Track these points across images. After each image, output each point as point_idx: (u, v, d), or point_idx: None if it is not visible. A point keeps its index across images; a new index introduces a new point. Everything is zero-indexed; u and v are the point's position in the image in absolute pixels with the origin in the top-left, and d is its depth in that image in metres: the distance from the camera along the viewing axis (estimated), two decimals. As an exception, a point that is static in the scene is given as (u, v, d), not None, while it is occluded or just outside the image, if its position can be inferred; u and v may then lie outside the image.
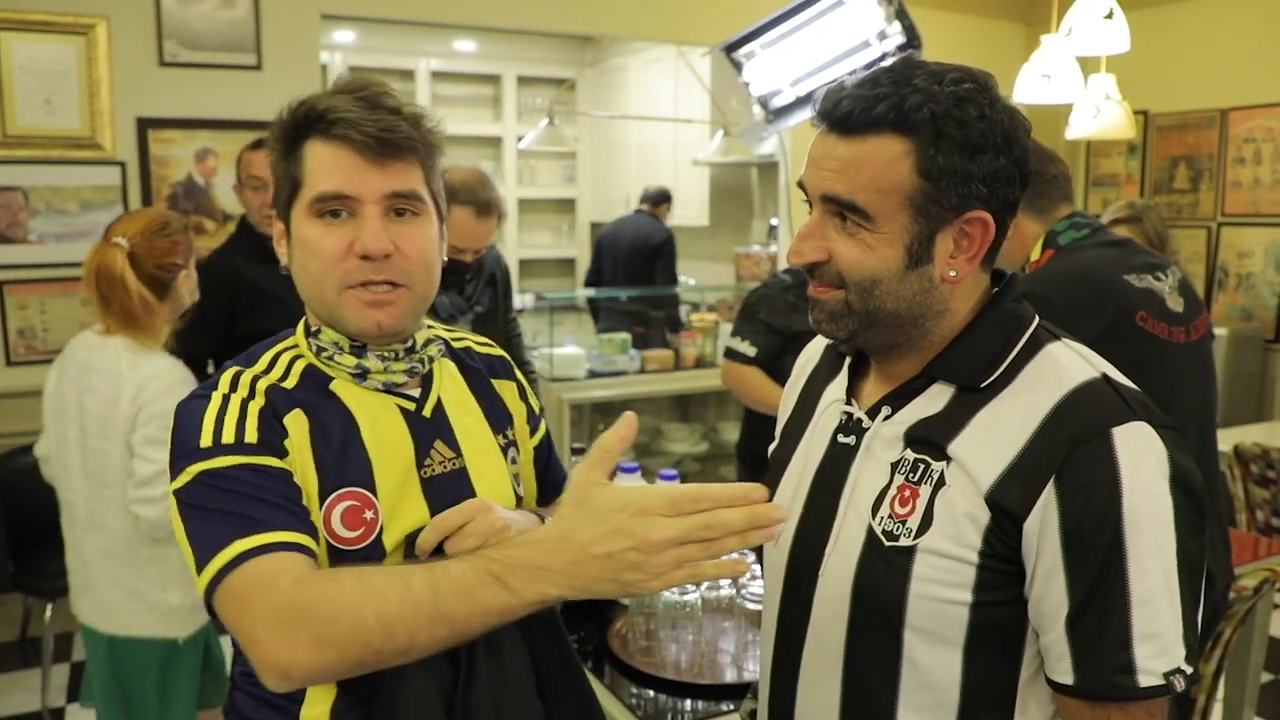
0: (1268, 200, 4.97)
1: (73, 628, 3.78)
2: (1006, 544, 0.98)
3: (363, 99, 1.11)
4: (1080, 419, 0.97)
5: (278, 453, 1.07)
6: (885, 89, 0.98)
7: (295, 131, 1.12)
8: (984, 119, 0.98)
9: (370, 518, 1.10)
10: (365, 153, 1.09)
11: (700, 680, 1.71)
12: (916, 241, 1.00)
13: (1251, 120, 4.99)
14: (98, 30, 3.60)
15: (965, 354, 1.05)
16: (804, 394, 1.27)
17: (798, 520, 1.14)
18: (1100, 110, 3.92)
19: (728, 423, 5.25)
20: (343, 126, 1.08)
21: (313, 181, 1.11)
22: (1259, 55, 4.91)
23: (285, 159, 1.13)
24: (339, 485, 1.10)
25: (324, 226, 1.10)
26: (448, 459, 1.17)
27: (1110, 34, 3.39)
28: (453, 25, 6.54)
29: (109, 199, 3.69)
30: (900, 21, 3.04)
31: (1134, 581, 0.93)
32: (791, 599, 1.14)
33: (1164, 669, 0.94)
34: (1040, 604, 0.98)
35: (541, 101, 7.09)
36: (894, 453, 1.06)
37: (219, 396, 1.09)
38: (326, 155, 1.10)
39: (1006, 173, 1.00)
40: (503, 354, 1.38)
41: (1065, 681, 0.97)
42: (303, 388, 1.13)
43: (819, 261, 1.04)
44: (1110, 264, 1.93)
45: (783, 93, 3.40)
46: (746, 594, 1.78)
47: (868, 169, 0.99)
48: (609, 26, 4.94)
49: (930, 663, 1.02)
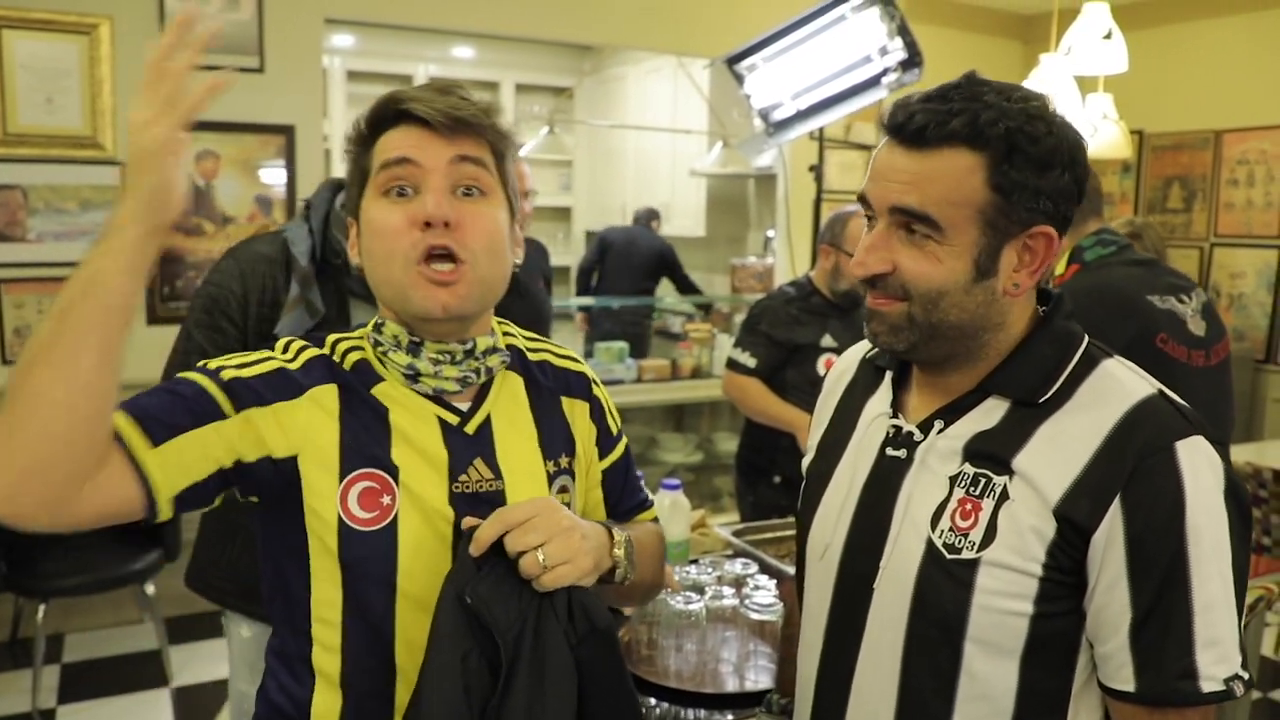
0: (1260, 222, 5.02)
1: (64, 629, 3.78)
2: (1071, 556, 0.99)
3: (436, 89, 1.13)
4: (1145, 433, 0.99)
5: (236, 401, 1.07)
6: (958, 104, 1.00)
7: (370, 126, 1.14)
8: (1052, 135, 1.01)
9: (388, 503, 1.09)
10: (435, 128, 1.10)
11: (703, 689, 1.71)
12: (984, 254, 1.02)
13: (1245, 142, 5.04)
14: (100, 30, 3.60)
15: (1021, 369, 1.07)
16: (841, 407, 1.27)
17: (847, 534, 1.14)
18: (1097, 129, 3.95)
19: (722, 433, 5.26)
20: (416, 107, 1.10)
21: (381, 157, 1.12)
22: (1254, 78, 4.96)
23: (358, 157, 1.16)
24: (359, 465, 1.10)
25: (389, 204, 1.11)
26: (486, 479, 1.15)
27: (1108, 54, 3.42)
28: (452, 31, 6.55)
29: (108, 199, 3.68)
30: (902, 38, 3.06)
31: (1197, 590, 0.96)
32: (842, 611, 1.14)
33: (1224, 675, 0.96)
34: (1101, 613, 0.99)
35: (539, 109, 7.11)
36: (951, 466, 1.07)
37: (262, 353, 1.14)
38: (395, 135, 1.12)
39: (1069, 189, 1.03)
40: (584, 370, 1.32)
41: (1125, 689, 0.99)
42: (354, 375, 1.15)
43: (883, 273, 1.05)
44: (1135, 283, 1.94)
45: (783, 106, 3.42)
46: (750, 604, 1.78)
47: (941, 182, 1.00)
48: (609, 35, 4.96)
49: (988, 673, 1.03)
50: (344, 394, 1.13)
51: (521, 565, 1.02)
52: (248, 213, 3.91)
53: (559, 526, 1.04)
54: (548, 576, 1.02)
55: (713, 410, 5.32)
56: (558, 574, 1.02)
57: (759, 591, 1.82)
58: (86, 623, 3.84)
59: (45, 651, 3.30)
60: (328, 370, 1.14)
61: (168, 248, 3.75)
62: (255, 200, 3.91)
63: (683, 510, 2.14)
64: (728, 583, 1.90)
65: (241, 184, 3.88)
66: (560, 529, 1.04)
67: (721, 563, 2.03)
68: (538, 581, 1.02)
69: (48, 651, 3.45)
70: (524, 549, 1.02)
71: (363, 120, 1.15)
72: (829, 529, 1.17)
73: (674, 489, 2.13)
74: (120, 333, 0.94)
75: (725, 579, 1.92)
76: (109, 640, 3.77)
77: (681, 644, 1.76)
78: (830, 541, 1.16)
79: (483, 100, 1.16)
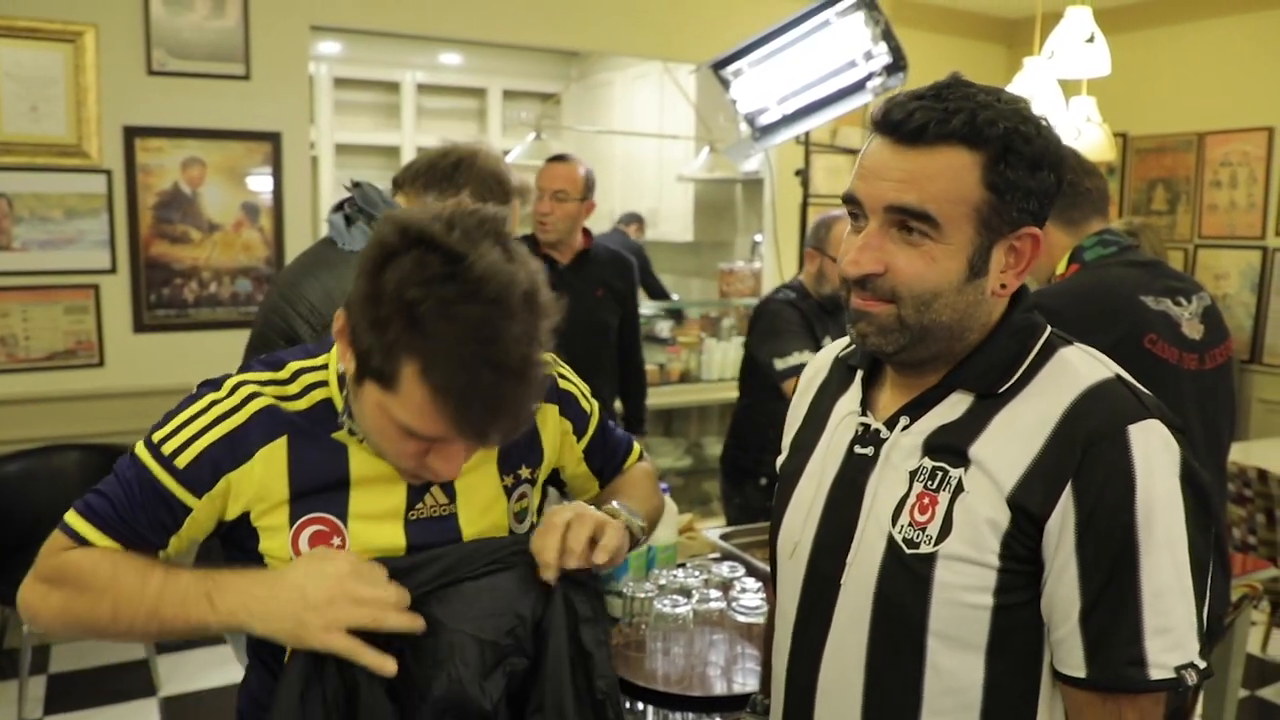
0: (1243, 223, 5.05)
1: (50, 639, 3.75)
2: (1026, 545, 0.99)
3: (487, 359, 0.98)
4: (1096, 417, 0.99)
5: (199, 485, 1.13)
6: (954, 103, 1.01)
7: (391, 318, 0.99)
8: (1041, 137, 1.02)
9: (338, 544, 1.14)
10: (462, 432, 1.04)
11: (690, 692, 1.71)
12: (977, 254, 1.03)
13: (1228, 144, 5.08)
14: (86, 38, 3.59)
15: (983, 363, 1.07)
16: (813, 407, 1.27)
17: (815, 532, 1.15)
18: (1081, 132, 3.98)
19: (711, 437, 5.27)
20: (446, 395, 0.99)
21: (405, 409, 1.02)
22: (1235, 80, 5.00)
23: (377, 336, 1.00)
24: (310, 510, 1.14)
25: (404, 436, 1.05)
26: (440, 505, 1.19)
27: (1091, 57, 3.44)
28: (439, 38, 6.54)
29: (94, 207, 3.67)
30: (887, 42, 3.07)
31: (1147, 576, 0.95)
32: (810, 610, 1.15)
33: (1176, 662, 0.96)
34: (1053, 598, 1.00)
35: (526, 115, 7.11)
36: (912, 461, 1.07)
37: (210, 398, 1.15)
38: (427, 408, 1.00)
39: (1053, 191, 1.04)
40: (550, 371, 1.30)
41: (1077, 674, 0.99)
42: (311, 416, 1.15)
43: (873, 274, 1.04)
44: (1129, 284, 1.94)
45: (769, 110, 3.43)
46: (737, 606, 1.79)
47: (939, 179, 1.00)
48: (595, 42, 4.97)
49: (954, 667, 1.03)
50: (294, 441, 1.14)
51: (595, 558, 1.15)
52: (234, 220, 3.90)
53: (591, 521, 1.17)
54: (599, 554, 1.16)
55: (701, 415, 5.33)
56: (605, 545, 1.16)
57: (746, 594, 1.83)
58: (74, 633, 3.82)
59: (31, 662, 3.28)
60: (274, 422, 1.14)
61: (153, 256, 3.74)
62: (242, 207, 3.90)
63: (670, 514, 2.14)
64: (715, 586, 1.91)
65: (228, 191, 3.88)
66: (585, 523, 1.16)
67: (709, 566, 2.03)
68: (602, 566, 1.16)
69: (34, 662, 3.42)
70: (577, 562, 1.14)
71: (386, 314, 0.99)
72: (798, 527, 1.18)
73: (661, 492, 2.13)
74: None
75: (712, 582, 1.93)
76: (95, 650, 3.74)
77: (669, 647, 1.77)
78: (799, 540, 1.17)
79: (528, 365, 1.01)
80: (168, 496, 1.12)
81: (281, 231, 3.98)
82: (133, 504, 1.13)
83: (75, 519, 1.14)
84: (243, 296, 3.94)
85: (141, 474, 1.13)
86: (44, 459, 3.56)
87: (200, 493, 1.13)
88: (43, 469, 3.54)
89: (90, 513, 1.13)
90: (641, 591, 1.83)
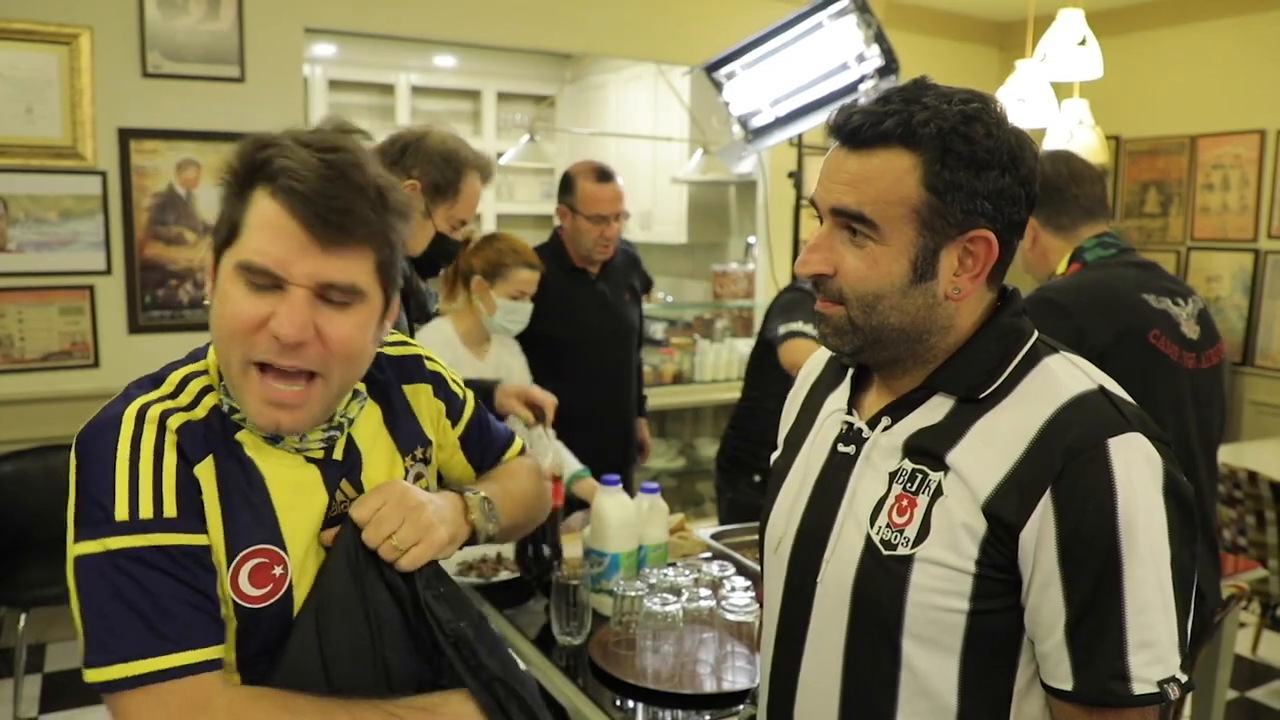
0: (1235, 226, 5.07)
1: (46, 638, 3.76)
2: (1003, 554, 0.99)
3: (328, 164, 1.01)
4: (1076, 430, 0.99)
5: (197, 524, 1.03)
6: (895, 105, 1.02)
7: (248, 174, 1.04)
8: (990, 137, 1.01)
9: (279, 574, 1.08)
10: (309, 230, 1.00)
11: (680, 690, 1.73)
12: (921, 256, 1.03)
13: (1220, 147, 5.10)
14: (81, 40, 3.60)
15: (964, 366, 1.07)
16: (806, 404, 1.29)
17: (798, 527, 1.16)
18: (1073, 135, 4.00)
19: (704, 438, 5.29)
20: (293, 195, 0.99)
21: (248, 240, 1.02)
22: (1228, 83, 5.02)
23: (232, 199, 1.05)
24: (247, 544, 1.06)
25: (246, 290, 1.02)
26: (351, 498, 1.14)
27: (1083, 60, 3.46)
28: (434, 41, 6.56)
29: (89, 208, 3.68)
30: (879, 45, 3.09)
31: (1129, 591, 0.95)
32: (792, 606, 1.16)
33: (1158, 677, 0.96)
34: (1037, 613, 1.00)
35: (521, 118, 7.13)
36: (892, 463, 1.08)
37: (127, 442, 1.02)
38: (269, 216, 1.01)
39: (1011, 192, 1.03)
40: (416, 350, 1.31)
41: (1063, 687, 0.99)
42: (210, 425, 1.08)
43: (824, 275, 1.07)
44: (1131, 282, 1.99)
45: (762, 113, 3.44)
46: (726, 605, 1.80)
47: (877, 182, 1.02)
48: (589, 44, 4.98)
49: (928, 669, 1.03)
50: (216, 462, 1.06)
51: (381, 554, 1.08)
52: (229, 222, 3.91)
53: (407, 508, 1.10)
54: (405, 559, 1.08)
55: (695, 416, 5.34)
56: (414, 555, 1.09)
57: (735, 593, 1.84)
58: (67, 632, 3.82)
59: (26, 661, 3.29)
60: (195, 440, 1.06)
61: (148, 258, 3.75)
62: (236, 209, 3.91)
63: (660, 513, 2.16)
64: (705, 584, 1.92)
65: (223, 193, 3.88)
66: (408, 509, 1.10)
67: (699, 565, 2.05)
68: (398, 564, 1.08)
69: (29, 661, 3.43)
70: (378, 541, 1.08)
71: (236, 164, 1.04)
72: (783, 522, 1.19)
73: (652, 492, 2.15)
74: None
75: (702, 580, 1.94)
76: (91, 651, 3.75)
77: (659, 645, 1.78)
78: (783, 535, 1.18)
79: (379, 179, 1.04)
80: (186, 557, 1.01)
81: (276, 233, 3.98)
82: (157, 600, 0.98)
83: (123, 668, 0.97)
84: (237, 298, 3.95)
85: (137, 562, 0.98)
86: (39, 459, 3.57)
87: (203, 526, 1.03)
88: (38, 469, 3.55)
89: (130, 645, 0.97)
90: (632, 590, 1.84)
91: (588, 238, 3.09)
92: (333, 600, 1.07)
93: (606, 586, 1.97)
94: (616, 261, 3.30)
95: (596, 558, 2.01)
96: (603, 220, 3.06)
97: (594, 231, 3.07)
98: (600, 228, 3.07)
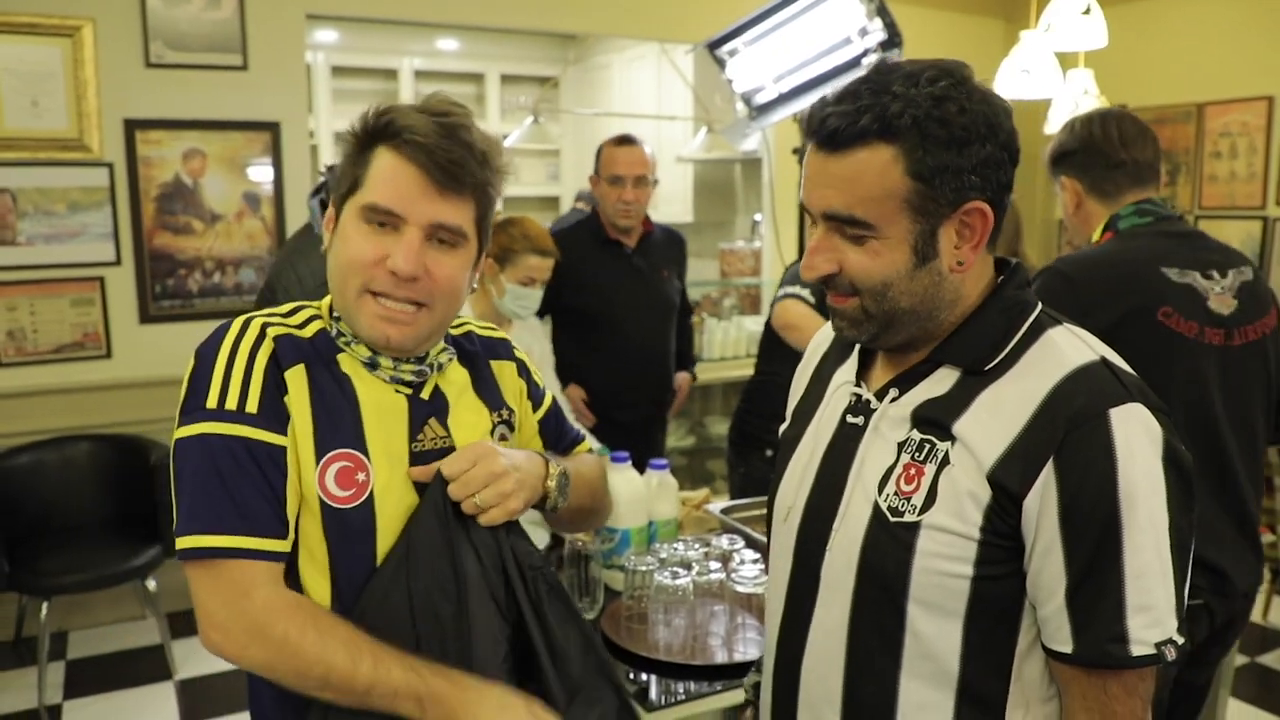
0: (1243, 194, 5.05)
1: (68, 626, 3.81)
2: (1007, 521, 1.02)
3: (442, 125, 1.16)
4: (1078, 401, 1.01)
5: (278, 421, 1.14)
6: (866, 100, 1.01)
7: (370, 136, 1.18)
8: (964, 113, 1.01)
9: (363, 480, 1.17)
10: (426, 176, 1.15)
11: (692, 661, 1.75)
12: (921, 240, 1.04)
13: (1227, 114, 5.07)
14: (84, 32, 3.61)
15: (970, 338, 1.09)
16: (815, 376, 1.31)
17: (807, 497, 1.18)
18: (1079, 105, 3.98)
19: (713, 416, 5.30)
20: (414, 147, 1.15)
21: (371, 187, 1.17)
22: (1235, 50, 4.99)
23: (354, 158, 1.20)
24: (334, 446, 1.16)
25: (367, 230, 1.17)
26: (439, 437, 1.24)
27: (1088, 30, 3.44)
28: (436, 24, 6.55)
29: (97, 200, 3.71)
30: (881, 19, 3.08)
31: (1129, 557, 0.98)
32: (800, 573, 1.18)
33: (1156, 639, 0.99)
34: (1038, 578, 1.02)
35: (525, 100, 7.12)
36: (900, 433, 1.10)
37: (229, 344, 1.16)
38: (390, 167, 1.16)
39: (995, 158, 1.04)
40: (505, 336, 1.44)
41: (1064, 650, 1.02)
42: (313, 342, 1.21)
43: (830, 274, 1.09)
44: (1152, 255, 1.90)
45: (765, 89, 3.43)
46: (736, 577, 1.82)
47: (862, 181, 1.02)
48: (592, 24, 4.98)
49: (932, 633, 1.06)
50: (310, 371, 1.18)
51: (464, 508, 1.18)
52: (236, 210, 3.93)
53: (492, 474, 1.19)
54: (483, 517, 1.19)
55: (704, 394, 5.36)
56: (491, 515, 1.19)
57: (745, 565, 1.86)
58: (89, 620, 3.88)
59: (49, 649, 3.34)
60: (292, 348, 1.19)
61: (157, 247, 3.77)
62: (243, 197, 3.93)
63: (670, 489, 2.18)
64: (715, 558, 1.94)
65: (229, 182, 3.90)
66: (494, 475, 1.19)
67: (708, 539, 2.07)
68: (478, 520, 1.19)
69: (52, 649, 3.48)
70: (462, 497, 1.18)
71: (359, 128, 1.19)
72: (792, 493, 1.21)
73: (661, 468, 2.17)
74: None
75: (712, 554, 1.96)
76: (112, 636, 3.81)
77: (670, 619, 1.81)
78: (793, 505, 1.20)
79: (484, 142, 1.20)
80: (260, 451, 1.12)
81: (283, 220, 4.01)
82: (232, 485, 1.11)
83: (199, 539, 1.10)
84: (246, 286, 3.98)
85: (222, 447, 1.11)
86: (55, 450, 3.61)
87: (283, 428, 1.14)
88: (54, 459, 3.60)
89: (209, 520, 1.10)
90: (643, 565, 1.86)
91: (608, 202, 3.13)
92: (420, 546, 1.16)
93: (618, 562, 2.00)
94: (657, 238, 3.32)
95: (608, 534, 2.03)
96: (619, 182, 3.09)
97: (613, 195, 3.11)
98: (619, 190, 3.09)
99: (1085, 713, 1.04)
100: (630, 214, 3.15)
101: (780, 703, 1.22)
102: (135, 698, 3.38)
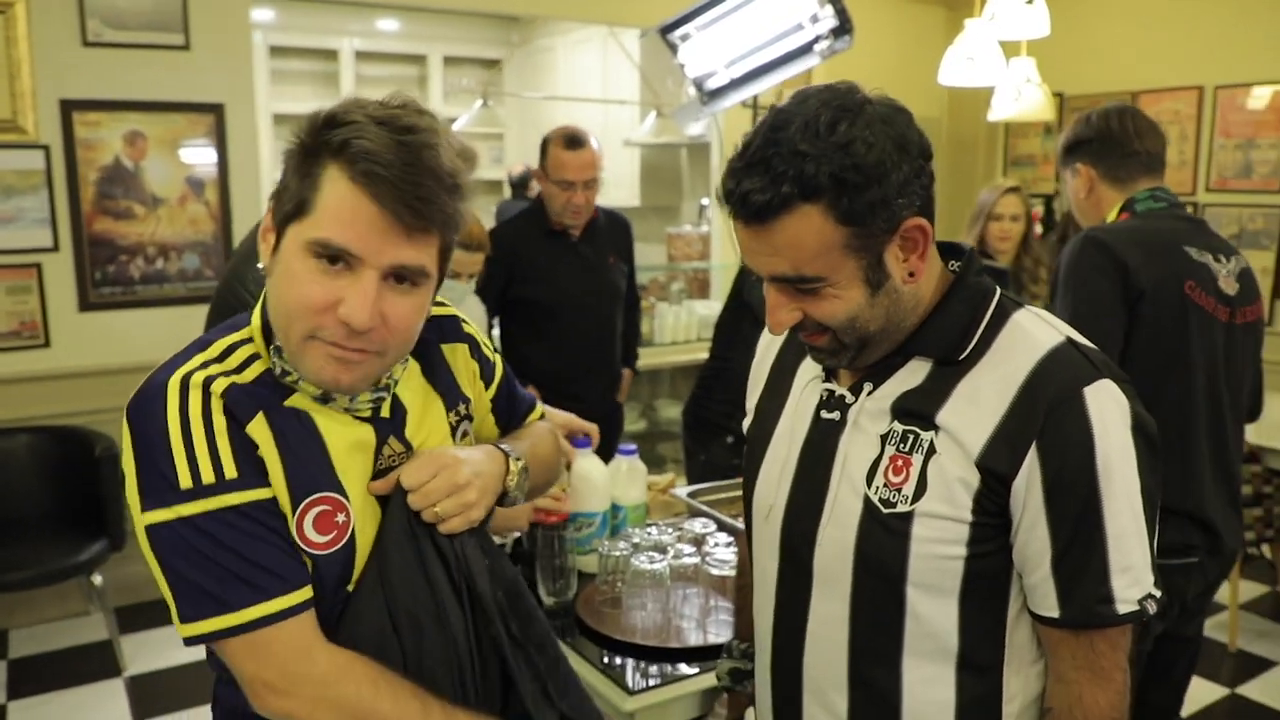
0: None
1: (9, 624, 3.71)
2: (995, 501, 1.07)
3: (406, 148, 1.00)
4: (1054, 384, 1.06)
5: (258, 476, 1.06)
6: (779, 167, 1.01)
7: (318, 150, 1.02)
8: (872, 148, 1.01)
9: (342, 521, 1.11)
10: (389, 216, 1.01)
11: (667, 644, 1.77)
12: (870, 271, 1.07)
13: (1160, 103, 5.21)
14: (16, 8, 3.48)
15: (938, 330, 1.13)
16: (774, 371, 1.33)
17: (789, 494, 1.21)
18: (1021, 93, 4.05)
19: (664, 400, 5.32)
20: (374, 180, 0.99)
21: (322, 218, 1.02)
22: (1168, 41, 5.12)
23: (300, 169, 1.04)
24: (309, 491, 1.09)
25: (315, 269, 1.03)
26: (398, 454, 1.17)
27: (1031, 19, 3.51)
28: (377, 4, 6.44)
29: (33, 183, 3.59)
30: (832, 5, 3.10)
31: (1109, 523, 1.05)
32: (790, 568, 1.22)
33: (1138, 595, 1.07)
34: (1025, 549, 1.08)
35: (468, 82, 7.05)
36: (881, 425, 1.14)
37: (175, 413, 1.04)
38: (347, 199, 1.01)
39: (913, 172, 1.05)
40: (453, 313, 1.34)
41: (1052, 615, 1.09)
42: (259, 387, 1.09)
43: (797, 323, 1.12)
44: (1175, 233, 2.07)
45: (717, 74, 3.45)
46: (712, 560, 1.84)
47: (801, 244, 1.04)
48: (537, 6, 4.94)
49: (931, 613, 1.11)
50: (269, 418, 1.08)
51: (424, 517, 1.14)
52: (179, 194, 3.83)
53: (455, 485, 1.14)
54: (443, 527, 1.14)
55: (653, 379, 5.37)
56: (451, 525, 1.15)
57: (719, 549, 1.88)
58: (32, 617, 3.77)
59: (-10, 647, 3.25)
60: (245, 399, 1.08)
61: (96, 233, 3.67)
62: (186, 181, 3.84)
63: (639, 474, 2.19)
64: (688, 541, 1.96)
65: (171, 165, 3.81)
66: (456, 487, 1.14)
67: (681, 523, 2.09)
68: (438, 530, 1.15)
69: (-7, 647, 3.39)
70: (423, 508, 1.13)
71: (306, 136, 1.03)
72: (771, 491, 1.24)
73: (630, 454, 2.18)
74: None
75: (685, 538, 1.98)
76: (57, 633, 3.71)
77: (645, 602, 1.82)
78: (774, 503, 1.23)
79: (451, 168, 1.04)
80: (257, 510, 1.05)
81: (228, 205, 3.93)
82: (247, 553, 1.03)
83: (226, 619, 1.02)
84: (191, 272, 3.89)
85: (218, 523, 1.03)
86: (-8, 442, 3.51)
87: (265, 479, 1.06)
88: (-8, 452, 3.49)
89: (233, 597, 1.03)
90: (617, 550, 1.87)
91: (555, 203, 3.10)
92: (393, 563, 1.13)
93: (592, 547, 2.00)
94: (601, 224, 3.31)
95: (584, 519, 2.03)
96: (569, 186, 3.06)
97: (561, 197, 3.08)
98: (567, 194, 3.06)
99: (1075, 670, 1.10)
100: (579, 214, 3.15)
101: (781, 690, 1.26)
102: (84, 695, 3.30)
